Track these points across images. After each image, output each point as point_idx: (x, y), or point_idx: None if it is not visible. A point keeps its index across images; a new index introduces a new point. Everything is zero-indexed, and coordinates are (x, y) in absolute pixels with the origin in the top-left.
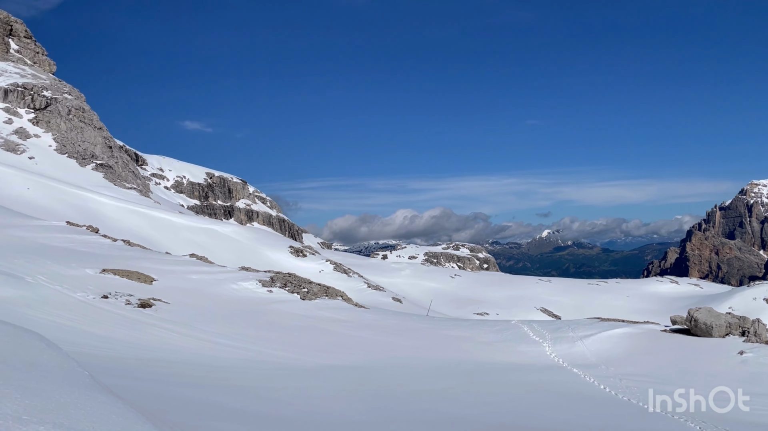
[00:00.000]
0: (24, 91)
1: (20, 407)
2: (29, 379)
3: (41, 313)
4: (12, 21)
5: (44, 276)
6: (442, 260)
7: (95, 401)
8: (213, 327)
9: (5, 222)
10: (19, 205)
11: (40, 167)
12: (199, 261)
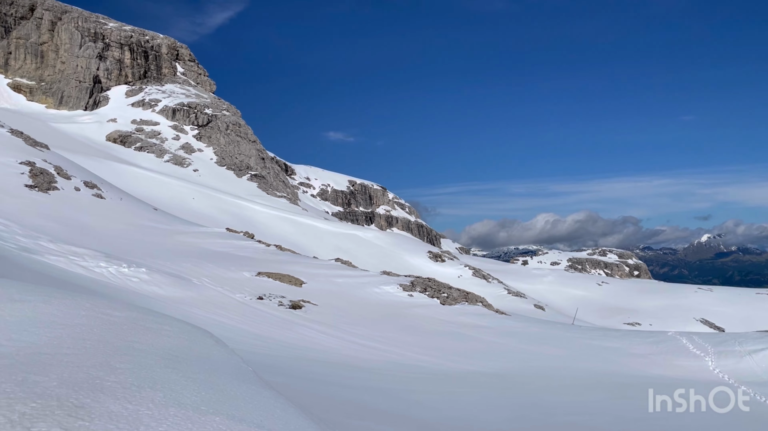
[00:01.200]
0: (189, 109)
1: (198, 398)
2: (204, 373)
3: (206, 312)
4: (178, 46)
5: (208, 278)
6: (588, 266)
7: (261, 395)
8: (357, 329)
9: (174, 229)
10: (185, 213)
11: (203, 179)
12: (344, 265)
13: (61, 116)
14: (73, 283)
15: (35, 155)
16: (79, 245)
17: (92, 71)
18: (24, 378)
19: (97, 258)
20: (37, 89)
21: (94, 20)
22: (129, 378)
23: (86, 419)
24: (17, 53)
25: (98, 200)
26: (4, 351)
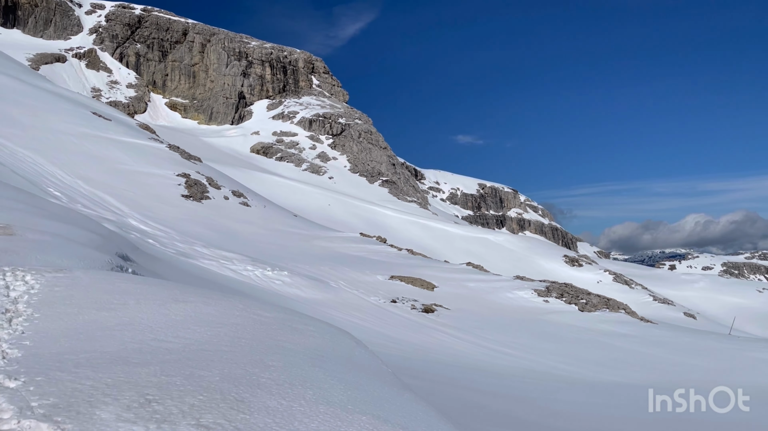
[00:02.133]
0: (324, 119)
1: (345, 397)
2: (348, 373)
3: (343, 314)
4: (314, 60)
5: (344, 281)
6: (746, 271)
7: (402, 397)
8: (490, 334)
9: (312, 234)
10: (322, 218)
11: (338, 185)
12: (475, 269)
13: (210, 131)
14: (225, 285)
15: (190, 167)
16: (229, 250)
17: (237, 88)
18: (191, 373)
19: (245, 262)
20: (190, 107)
21: (239, 40)
22: (281, 375)
23: (246, 412)
24: (173, 75)
25: (245, 208)
26: (172, 347)
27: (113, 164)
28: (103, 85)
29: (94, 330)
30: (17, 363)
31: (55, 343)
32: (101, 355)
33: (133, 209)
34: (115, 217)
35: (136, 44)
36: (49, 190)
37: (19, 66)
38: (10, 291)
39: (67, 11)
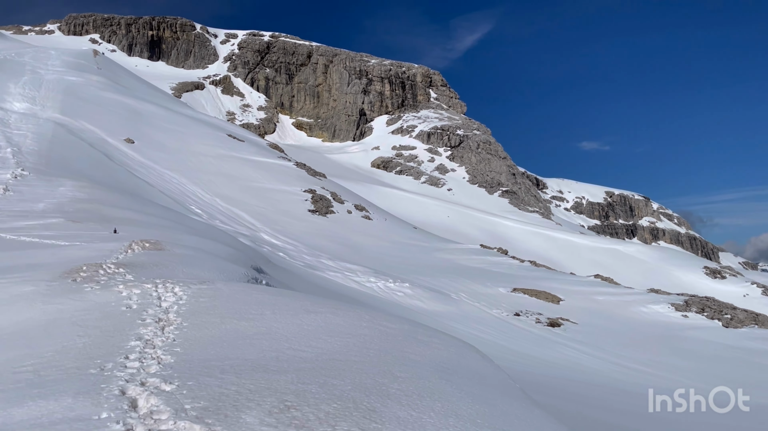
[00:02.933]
0: (442, 132)
1: (473, 411)
2: (475, 387)
3: (465, 326)
4: (431, 74)
5: (465, 293)
6: None
7: (531, 413)
8: (623, 351)
9: (431, 246)
10: (441, 230)
11: (457, 197)
12: (604, 282)
13: (334, 148)
14: (350, 296)
15: (315, 183)
16: (352, 262)
17: (358, 105)
18: (325, 381)
19: (368, 274)
20: (315, 125)
21: (359, 59)
22: (410, 386)
23: (378, 422)
24: (299, 96)
25: (366, 221)
26: (306, 356)
27: (247, 182)
28: (237, 108)
29: (236, 338)
30: (171, 368)
31: (203, 350)
32: (243, 362)
33: (265, 224)
34: (249, 232)
35: (265, 69)
36: (191, 208)
37: (164, 95)
38: (161, 302)
39: (204, 42)
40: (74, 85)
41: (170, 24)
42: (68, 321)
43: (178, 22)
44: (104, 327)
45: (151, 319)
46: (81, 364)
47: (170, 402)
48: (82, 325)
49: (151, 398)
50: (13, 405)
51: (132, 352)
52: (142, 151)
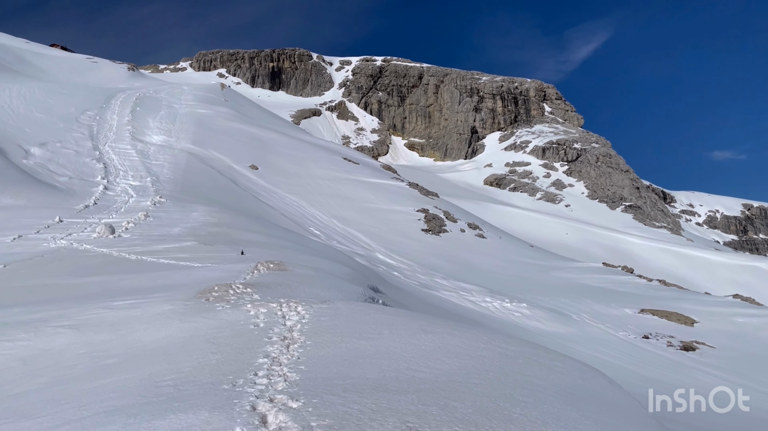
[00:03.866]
0: (558, 146)
1: None
2: (603, 414)
3: (588, 349)
4: (545, 87)
5: (587, 314)
6: None
7: None
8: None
9: (549, 264)
10: (558, 248)
11: (575, 213)
12: (745, 302)
13: (446, 167)
14: (466, 316)
15: (428, 203)
16: (467, 281)
17: (470, 123)
18: (445, 403)
19: (483, 294)
20: (427, 145)
21: (470, 77)
22: (533, 412)
23: None
24: (410, 117)
25: (480, 240)
26: (425, 377)
27: (362, 203)
28: (351, 132)
29: (356, 357)
30: (297, 386)
31: (326, 368)
32: (364, 381)
33: (380, 244)
34: (365, 252)
35: (378, 92)
36: (311, 229)
37: (284, 122)
38: (286, 320)
39: (320, 71)
40: (204, 117)
41: (289, 55)
42: (203, 338)
43: (296, 53)
44: (235, 344)
45: (276, 337)
46: (215, 380)
47: (297, 419)
48: (215, 342)
49: (280, 414)
50: (156, 418)
51: (260, 369)
52: (265, 176)
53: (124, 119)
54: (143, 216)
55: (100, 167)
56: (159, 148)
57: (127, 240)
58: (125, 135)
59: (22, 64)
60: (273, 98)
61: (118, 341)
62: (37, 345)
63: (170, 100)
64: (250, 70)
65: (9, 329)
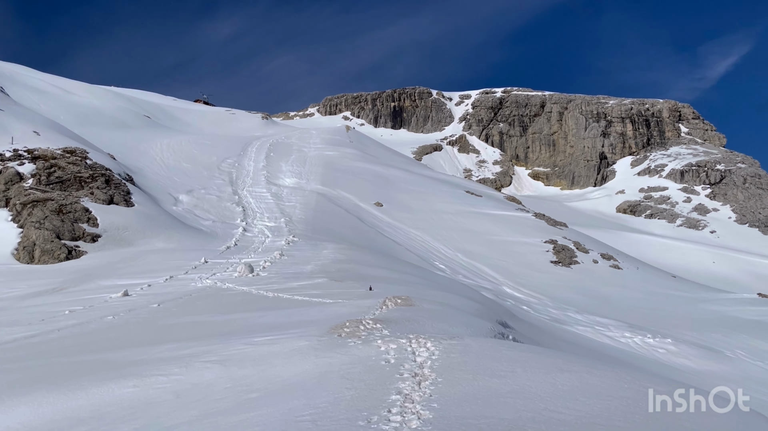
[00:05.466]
0: (698, 168)
1: None
2: None
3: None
4: (679, 107)
5: (743, 350)
6: None
7: None
8: None
9: (695, 296)
10: (705, 278)
11: (722, 239)
12: None
13: (573, 195)
14: (603, 353)
15: (556, 233)
16: (603, 315)
17: (597, 149)
18: None
19: (621, 328)
20: (552, 174)
21: (596, 102)
22: None
23: None
24: (533, 146)
25: (615, 271)
26: (564, 419)
27: (486, 236)
28: (473, 165)
29: (489, 396)
30: (430, 424)
31: (459, 407)
32: (499, 422)
33: (506, 277)
34: (492, 286)
35: (498, 124)
36: (436, 264)
37: (406, 159)
38: (416, 357)
39: (440, 106)
40: (331, 158)
41: (409, 94)
42: (337, 374)
43: (416, 91)
44: (368, 380)
45: (408, 374)
46: (351, 416)
47: None
48: (349, 378)
49: None
50: None
51: (393, 406)
52: (389, 213)
53: (260, 165)
54: (278, 256)
55: (239, 210)
56: (291, 190)
57: (265, 279)
58: (261, 179)
59: (171, 120)
60: (395, 136)
61: (260, 376)
62: (188, 380)
63: (300, 145)
64: (372, 111)
65: (164, 364)
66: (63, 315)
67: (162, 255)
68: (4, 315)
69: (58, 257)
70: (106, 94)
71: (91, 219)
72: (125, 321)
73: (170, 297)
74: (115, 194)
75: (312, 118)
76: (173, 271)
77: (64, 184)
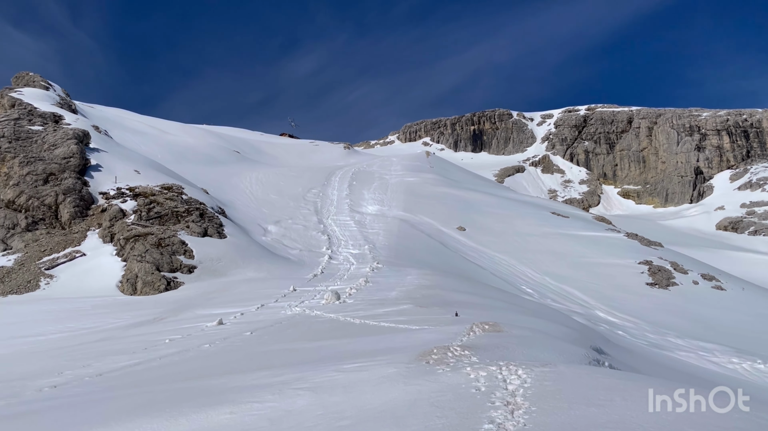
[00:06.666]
0: None
1: None
2: None
3: None
4: None
5: None
6: None
7: None
8: None
9: None
10: None
11: None
12: None
13: (667, 213)
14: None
15: (650, 254)
16: (706, 340)
17: (692, 164)
18: None
19: (728, 354)
20: (643, 192)
21: (687, 115)
22: None
23: None
24: (622, 164)
25: (718, 292)
26: None
27: (575, 258)
28: (558, 185)
29: (587, 426)
30: None
31: None
32: None
33: (598, 300)
34: (583, 310)
35: (583, 142)
36: (522, 288)
37: (488, 182)
38: (507, 384)
39: (521, 127)
40: (412, 184)
41: (489, 116)
42: (427, 401)
43: (496, 113)
44: (458, 408)
45: (499, 402)
46: None
47: None
48: (439, 406)
49: None
50: None
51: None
52: (472, 237)
53: (343, 193)
54: (363, 282)
55: (324, 239)
56: (374, 217)
57: (351, 306)
58: (344, 208)
59: (258, 154)
60: (476, 160)
61: (350, 403)
62: (281, 406)
63: (381, 172)
64: (452, 135)
65: (258, 391)
66: (164, 343)
67: (253, 285)
68: (111, 344)
69: (158, 288)
70: (198, 132)
71: (188, 251)
72: (221, 349)
73: (262, 325)
74: (208, 227)
75: (392, 145)
76: (264, 300)
77: (163, 219)
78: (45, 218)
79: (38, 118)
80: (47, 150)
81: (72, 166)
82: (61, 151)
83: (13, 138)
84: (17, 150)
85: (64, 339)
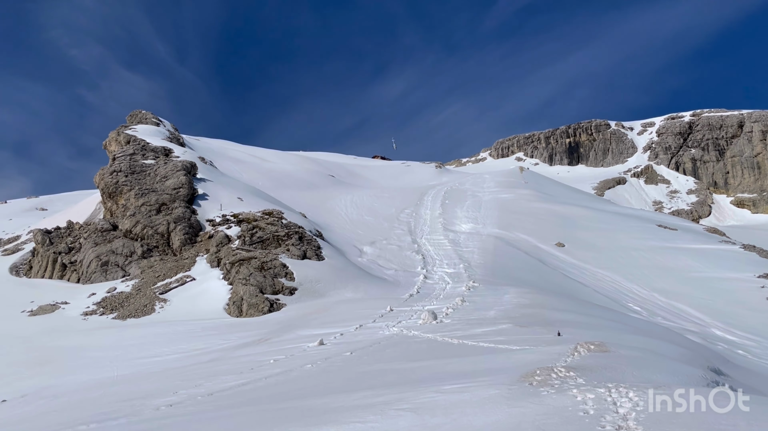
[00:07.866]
0: None
1: None
2: None
3: None
4: None
5: None
6: None
7: None
8: None
9: None
10: None
11: None
12: None
13: None
14: None
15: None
16: None
17: None
18: None
19: None
20: (760, 200)
21: None
22: None
23: None
24: (734, 171)
25: None
26: None
27: (685, 273)
28: (663, 196)
29: None
30: None
31: None
32: None
33: (714, 318)
34: (697, 328)
35: (689, 150)
36: (629, 305)
37: (587, 196)
38: (618, 407)
39: (620, 138)
40: (506, 201)
41: (585, 128)
42: (532, 424)
43: (593, 125)
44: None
45: (610, 426)
46: None
47: None
48: (545, 430)
49: None
50: None
51: None
52: (572, 253)
53: (436, 212)
54: (460, 302)
55: (419, 258)
56: (468, 235)
57: (448, 325)
58: (438, 227)
59: (352, 177)
60: (572, 173)
61: (452, 425)
62: (383, 427)
63: (474, 190)
64: (546, 149)
65: (360, 411)
66: (269, 364)
67: (351, 305)
68: (220, 364)
69: (262, 310)
70: (295, 159)
71: (288, 273)
72: (322, 370)
73: (361, 346)
74: (307, 249)
75: (484, 162)
76: (362, 320)
77: (264, 243)
78: (158, 245)
79: (150, 152)
80: (159, 182)
81: (181, 195)
82: (171, 182)
83: (129, 172)
84: (133, 183)
85: (177, 359)
